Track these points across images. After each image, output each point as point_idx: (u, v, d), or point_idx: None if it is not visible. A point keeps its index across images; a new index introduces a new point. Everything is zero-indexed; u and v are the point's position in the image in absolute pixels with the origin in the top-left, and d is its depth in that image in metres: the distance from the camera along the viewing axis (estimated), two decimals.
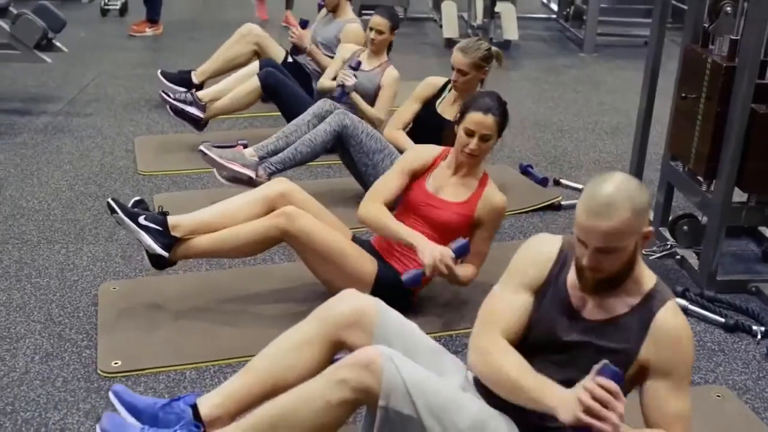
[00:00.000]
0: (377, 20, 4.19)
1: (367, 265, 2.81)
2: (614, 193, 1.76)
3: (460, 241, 2.67)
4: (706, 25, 3.26)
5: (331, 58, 4.60)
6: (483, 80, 3.63)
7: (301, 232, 2.73)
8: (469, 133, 2.76)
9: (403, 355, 1.92)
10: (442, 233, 2.82)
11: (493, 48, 3.65)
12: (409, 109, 3.78)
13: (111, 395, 2.13)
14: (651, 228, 1.83)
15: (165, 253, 2.77)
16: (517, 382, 1.83)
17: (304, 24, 4.74)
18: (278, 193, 2.89)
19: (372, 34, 4.20)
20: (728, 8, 3.09)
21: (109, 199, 2.78)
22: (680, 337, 1.86)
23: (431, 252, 2.66)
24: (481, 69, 3.56)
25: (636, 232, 1.79)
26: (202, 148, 3.62)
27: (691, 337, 1.88)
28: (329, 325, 2.09)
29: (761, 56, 3.03)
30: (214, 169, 3.62)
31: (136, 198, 2.90)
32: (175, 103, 4.33)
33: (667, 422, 1.86)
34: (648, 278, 1.91)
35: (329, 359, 2.07)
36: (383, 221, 2.81)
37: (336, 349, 2.11)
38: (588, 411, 1.70)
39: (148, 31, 7.01)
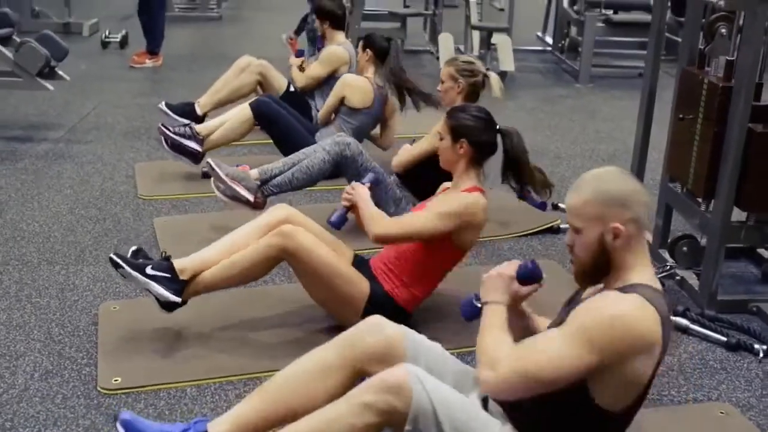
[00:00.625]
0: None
1: (360, 286, 2.81)
2: (590, 174, 1.89)
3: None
4: (702, 47, 3.30)
5: None
6: (469, 95, 3.64)
7: (299, 249, 2.73)
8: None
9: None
10: None
11: (490, 72, 3.68)
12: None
13: (119, 426, 2.04)
14: (621, 226, 1.81)
15: (178, 299, 2.73)
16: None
17: (300, 53, 4.79)
18: (280, 220, 2.88)
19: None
20: (723, 30, 3.13)
21: (112, 255, 2.72)
22: (601, 305, 1.78)
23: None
24: (455, 80, 3.61)
25: (597, 219, 1.82)
26: (210, 161, 3.62)
27: (611, 314, 1.74)
28: (356, 356, 2.05)
29: (757, 77, 3.07)
30: (213, 182, 3.62)
31: (134, 248, 2.84)
32: (173, 136, 4.31)
33: (520, 345, 1.84)
34: (639, 278, 1.85)
35: (350, 388, 2.01)
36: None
37: (359, 376, 2.06)
38: None
39: (148, 63, 7.07)
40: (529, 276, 2.00)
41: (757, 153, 3.03)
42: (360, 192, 2.93)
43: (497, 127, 2.91)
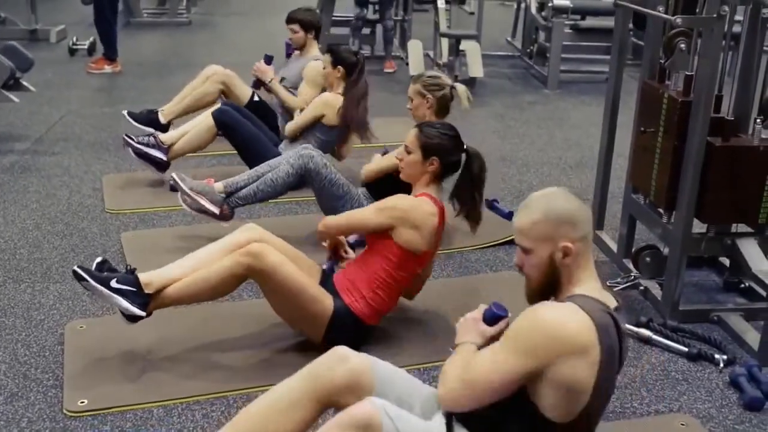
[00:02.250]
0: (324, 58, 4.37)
1: (325, 302, 2.83)
2: (536, 196, 1.96)
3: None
4: (663, 62, 3.35)
5: (293, 93, 4.70)
6: (439, 109, 3.66)
7: (266, 268, 2.73)
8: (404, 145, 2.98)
9: (398, 407, 1.93)
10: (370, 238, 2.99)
11: (456, 84, 3.72)
12: None
13: None
14: (570, 245, 1.88)
15: (143, 313, 2.72)
16: None
17: (268, 60, 4.77)
18: (248, 241, 2.88)
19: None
20: (682, 45, 3.18)
21: (76, 268, 2.70)
22: (534, 310, 1.86)
23: None
24: (423, 96, 3.64)
25: (548, 238, 1.89)
26: (174, 176, 3.63)
27: (541, 319, 1.83)
28: (323, 390, 2.05)
29: (716, 90, 3.13)
30: (179, 196, 3.63)
31: (98, 259, 2.82)
32: (138, 146, 4.34)
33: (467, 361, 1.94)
34: (579, 291, 1.92)
35: (315, 421, 2.05)
36: None
37: (326, 409, 2.07)
38: None
39: (107, 69, 7.06)
40: (493, 318, 2.08)
41: (715, 166, 3.08)
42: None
43: (464, 146, 2.95)
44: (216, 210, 3.61)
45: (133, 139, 4.36)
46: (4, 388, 2.67)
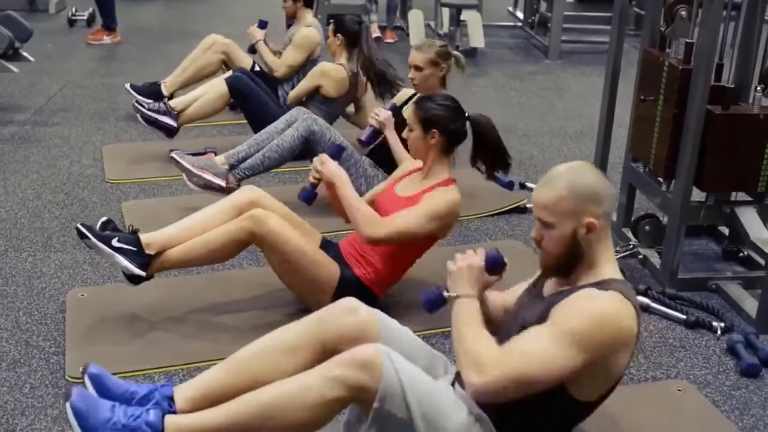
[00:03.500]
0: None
1: (330, 269, 2.84)
2: (561, 170, 1.90)
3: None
4: (663, 29, 3.34)
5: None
6: (444, 81, 3.66)
7: (269, 234, 2.75)
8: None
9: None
10: None
11: (454, 51, 3.70)
12: None
13: (86, 378, 2.04)
14: (594, 220, 1.84)
15: (143, 273, 2.75)
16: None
17: (262, 24, 4.76)
18: (247, 201, 2.90)
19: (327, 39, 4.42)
20: (683, 12, 3.17)
21: (78, 225, 2.73)
22: (586, 304, 1.80)
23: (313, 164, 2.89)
24: (437, 65, 3.62)
25: (572, 214, 1.84)
26: (174, 155, 3.64)
27: (596, 314, 1.78)
28: (328, 335, 2.04)
29: (716, 59, 3.12)
30: (184, 176, 3.64)
31: (103, 219, 2.85)
32: (148, 113, 4.34)
33: (507, 347, 1.82)
34: (609, 273, 1.90)
35: (317, 363, 2.02)
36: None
37: (328, 355, 2.03)
38: None
39: (106, 39, 7.02)
40: (496, 265, 2.03)
41: (715, 134, 3.08)
42: (333, 171, 2.82)
43: (466, 114, 2.93)
44: (222, 182, 3.62)
45: (144, 106, 4.37)
46: (7, 354, 2.69)
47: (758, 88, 3.15)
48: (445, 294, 2.02)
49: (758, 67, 3.27)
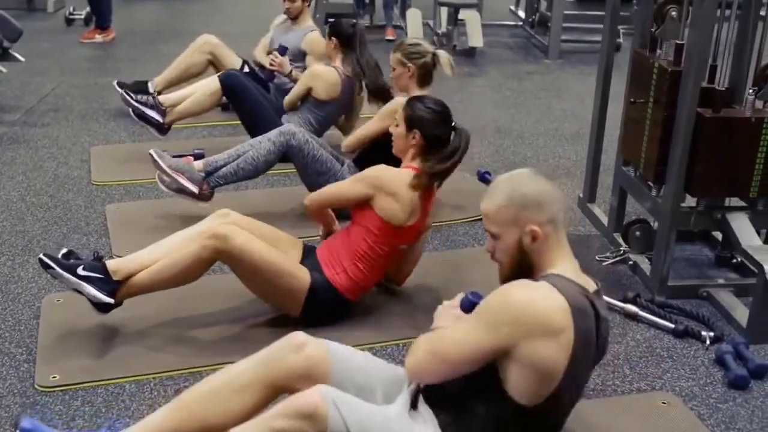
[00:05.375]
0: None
1: (299, 277, 2.78)
2: (502, 180, 1.92)
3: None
4: (653, 30, 3.26)
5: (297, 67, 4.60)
6: (420, 78, 3.60)
7: (233, 249, 2.67)
8: None
9: (357, 394, 1.89)
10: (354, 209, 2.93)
11: (438, 50, 3.63)
12: None
13: None
14: (537, 228, 1.84)
15: (111, 300, 2.68)
16: None
17: (282, 51, 4.63)
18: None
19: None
20: (673, 13, 3.09)
21: (41, 256, 2.66)
22: (507, 288, 1.85)
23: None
24: (404, 66, 3.57)
25: (513, 223, 1.85)
26: (152, 152, 3.57)
27: (508, 294, 1.83)
28: (276, 375, 1.99)
29: (709, 61, 3.03)
30: (157, 176, 3.57)
31: (64, 250, 2.77)
32: (136, 105, 4.30)
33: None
34: (554, 270, 1.88)
35: (265, 405, 1.99)
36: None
37: (278, 394, 2.01)
38: None
39: (98, 38, 6.98)
40: (470, 305, 2.03)
41: (706, 138, 3.00)
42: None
43: (453, 123, 2.88)
44: (195, 189, 3.53)
45: (132, 97, 4.32)
46: None
47: (751, 91, 3.07)
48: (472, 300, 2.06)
49: (752, 68, 3.18)
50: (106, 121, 5.06)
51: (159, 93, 4.78)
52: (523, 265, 1.87)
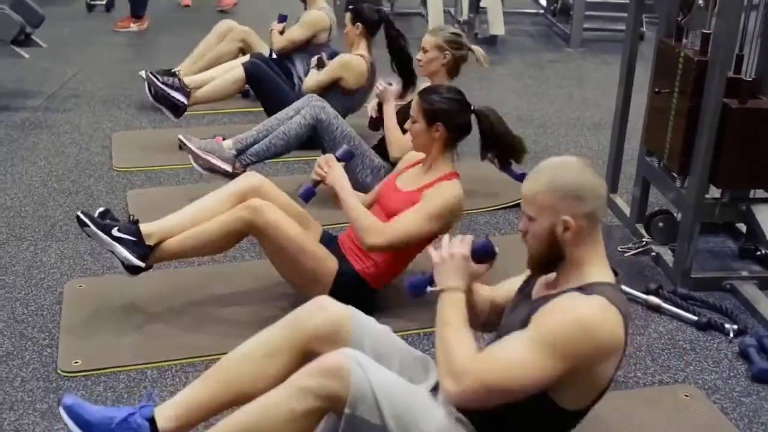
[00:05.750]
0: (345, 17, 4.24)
1: (328, 263, 2.78)
2: (547, 163, 1.85)
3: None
4: (680, 19, 3.22)
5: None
6: (452, 69, 3.58)
7: (266, 225, 2.70)
8: None
9: (375, 361, 1.87)
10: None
11: (473, 45, 3.62)
12: None
13: (61, 411, 1.99)
14: (571, 219, 1.76)
15: (142, 264, 2.72)
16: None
17: (282, 19, 4.68)
18: (249, 188, 2.86)
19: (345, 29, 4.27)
20: (701, 2, 3.04)
21: (79, 213, 2.70)
22: (567, 309, 1.71)
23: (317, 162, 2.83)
24: (441, 51, 3.54)
25: (550, 209, 1.78)
26: (181, 137, 3.60)
27: (578, 320, 1.69)
28: (302, 336, 2.02)
29: (735, 50, 2.99)
30: (190, 157, 3.60)
31: (101, 209, 2.81)
32: (161, 86, 4.29)
33: (484, 354, 1.75)
34: (597, 276, 1.81)
35: (298, 367, 1.96)
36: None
37: (306, 357, 2.01)
38: None
39: (133, 27, 6.97)
40: (485, 254, 1.92)
41: (732, 129, 2.96)
42: (335, 174, 2.78)
43: (472, 107, 2.85)
44: (228, 167, 3.57)
45: (157, 78, 4.32)
46: (0, 347, 2.66)
47: None
48: (429, 289, 1.95)
49: None
50: (127, 107, 5.07)
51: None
52: (552, 254, 1.82)
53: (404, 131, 3.32)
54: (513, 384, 1.69)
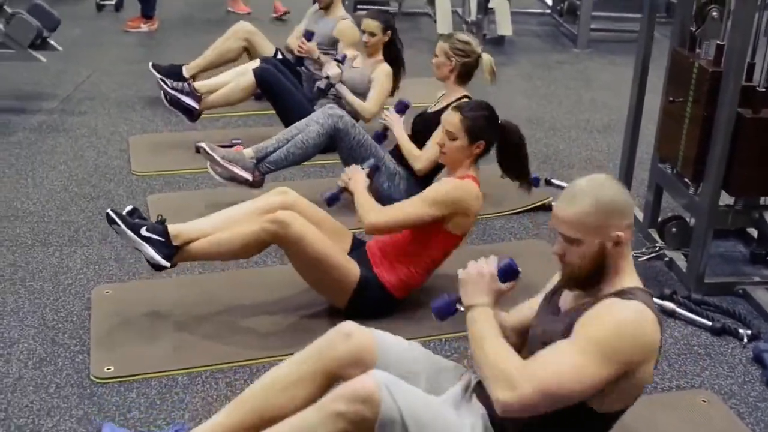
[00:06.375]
0: (368, 23, 4.20)
1: (350, 272, 2.85)
2: (584, 185, 1.86)
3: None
4: (694, 30, 3.28)
5: (324, 49, 4.65)
6: (461, 76, 3.65)
7: (292, 237, 2.76)
8: (442, 130, 2.91)
9: (402, 380, 1.93)
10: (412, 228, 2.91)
11: (485, 55, 3.67)
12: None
13: None
14: (621, 233, 1.82)
15: (168, 264, 2.78)
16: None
17: (309, 36, 4.67)
18: (281, 205, 2.91)
19: (365, 37, 4.23)
20: (715, 13, 3.10)
21: (109, 210, 2.77)
22: (611, 313, 1.78)
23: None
24: (448, 58, 3.61)
25: (598, 229, 1.82)
26: (203, 145, 3.64)
27: (622, 322, 1.76)
28: (327, 365, 2.08)
29: (747, 60, 3.05)
30: (209, 165, 3.65)
31: (129, 207, 2.89)
32: (171, 91, 4.35)
33: (530, 359, 1.81)
34: (629, 282, 1.89)
35: (323, 394, 2.03)
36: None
37: (333, 383, 2.08)
38: None
39: (144, 27, 7.01)
40: (510, 273, 1.99)
41: (745, 138, 3.02)
42: (357, 178, 3.02)
43: (499, 121, 2.94)
44: (249, 176, 3.63)
45: (167, 84, 4.38)
46: (33, 353, 2.72)
47: None
48: (459, 307, 2.01)
49: None
50: (142, 109, 5.13)
51: (193, 78, 4.83)
52: (597, 269, 1.86)
53: (421, 143, 3.40)
54: (568, 389, 1.75)
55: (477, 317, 1.92)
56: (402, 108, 3.79)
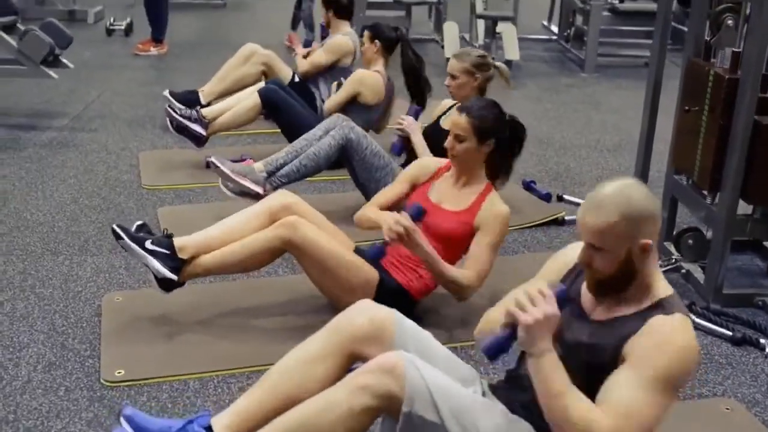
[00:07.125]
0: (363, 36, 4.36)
1: (368, 275, 2.80)
2: (610, 193, 1.78)
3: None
4: (708, 38, 3.27)
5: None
6: (481, 89, 3.64)
7: (304, 241, 2.73)
8: (449, 133, 2.84)
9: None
10: (445, 243, 2.82)
11: (498, 63, 3.68)
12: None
13: (122, 420, 2.03)
14: (649, 240, 1.77)
15: (174, 277, 2.75)
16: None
17: (308, 44, 4.73)
18: (281, 206, 2.89)
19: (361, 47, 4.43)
20: (730, 21, 3.10)
21: (114, 226, 2.75)
22: (670, 340, 1.74)
23: (385, 220, 2.62)
24: (472, 75, 3.58)
25: (627, 237, 1.76)
26: (213, 159, 3.62)
27: (683, 348, 1.73)
28: (346, 339, 2.05)
29: (763, 68, 3.04)
30: (220, 181, 3.63)
31: (139, 222, 2.87)
32: (180, 119, 4.34)
33: (604, 404, 1.73)
34: (663, 290, 1.85)
35: (345, 372, 2.02)
36: (366, 215, 2.96)
37: (352, 361, 2.06)
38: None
39: (153, 51, 7.06)
40: (565, 303, 1.86)
41: (763, 145, 3.00)
42: (417, 240, 2.63)
43: (506, 118, 2.92)
44: (260, 190, 3.60)
45: (175, 111, 4.37)
46: (43, 357, 2.68)
47: None
48: (517, 347, 1.86)
49: None
50: (152, 128, 5.13)
51: (209, 104, 4.82)
52: (625, 274, 1.81)
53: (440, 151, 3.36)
54: (647, 426, 1.73)
55: (547, 366, 1.77)
56: (417, 113, 3.78)
